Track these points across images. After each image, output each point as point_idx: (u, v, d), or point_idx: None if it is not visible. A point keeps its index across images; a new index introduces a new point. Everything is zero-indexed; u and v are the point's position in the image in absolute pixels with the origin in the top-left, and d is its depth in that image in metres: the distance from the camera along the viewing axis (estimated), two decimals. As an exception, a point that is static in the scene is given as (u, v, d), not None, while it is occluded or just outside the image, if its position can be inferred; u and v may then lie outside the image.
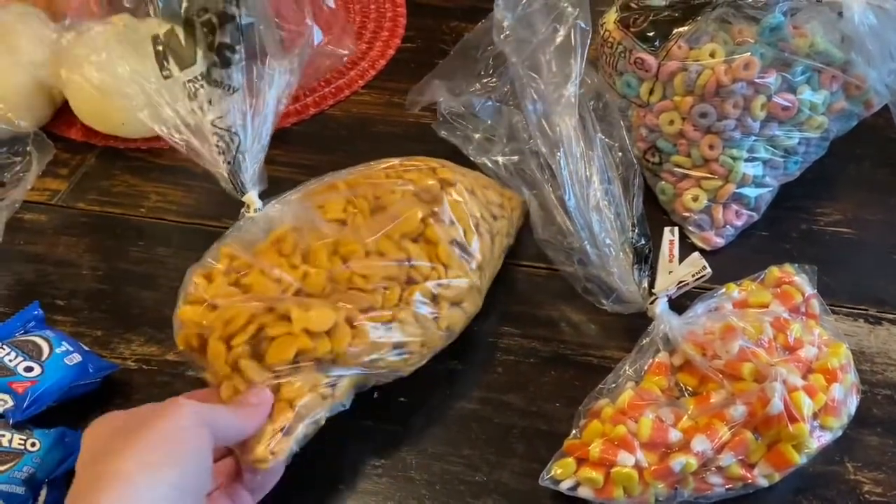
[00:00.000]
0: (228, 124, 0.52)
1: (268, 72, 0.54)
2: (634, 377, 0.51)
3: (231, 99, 0.53)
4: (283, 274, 0.48)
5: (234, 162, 0.52)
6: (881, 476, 0.49)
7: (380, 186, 0.53)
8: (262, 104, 0.54)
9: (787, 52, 0.57)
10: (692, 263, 0.52)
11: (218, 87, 0.52)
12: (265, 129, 0.54)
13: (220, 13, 0.52)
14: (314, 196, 0.54)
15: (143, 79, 0.54)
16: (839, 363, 0.48)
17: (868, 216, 0.64)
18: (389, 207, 0.52)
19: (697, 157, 0.60)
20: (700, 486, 0.46)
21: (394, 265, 0.49)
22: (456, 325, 0.51)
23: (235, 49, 0.52)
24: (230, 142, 0.52)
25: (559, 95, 0.56)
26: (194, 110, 0.52)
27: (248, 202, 0.53)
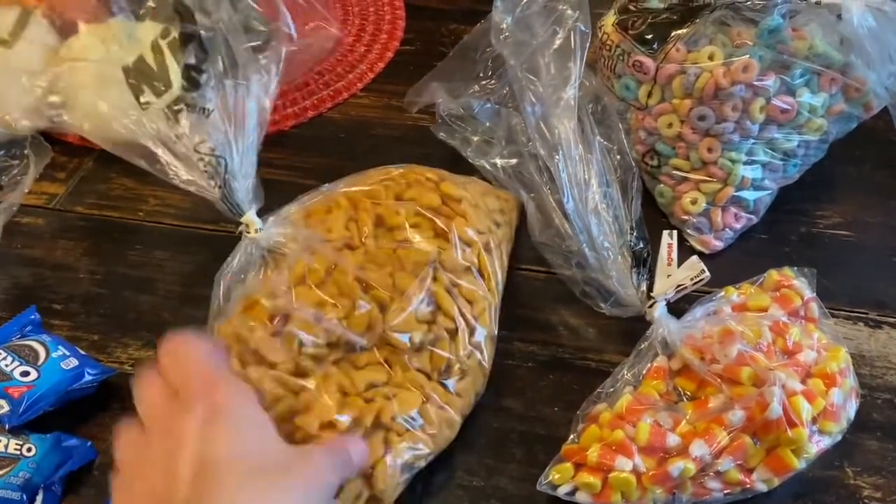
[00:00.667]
0: (211, 147, 0.51)
1: (242, 83, 0.52)
2: (633, 381, 0.50)
3: (209, 121, 0.51)
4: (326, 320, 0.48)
5: (225, 185, 0.51)
6: (881, 481, 0.49)
7: (382, 206, 0.52)
8: (244, 119, 0.53)
9: (786, 54, 0.57)
10: (691, 267, 0.52)
11: (193, 111, 0.51)
12: (251, 144, 0.53)
13: (182, 34, 0.51)
14: (316, 216, 0.53)
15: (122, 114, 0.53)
16: (838, 367, 0.48)
17: (868, 219, 0.64)
18: (395, 233, 0.51)
19: (696, 159, 0.60)
20: (698, 491, 0.46)
21: (425, 311, 0.49)
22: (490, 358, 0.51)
23: (202, 69, 0.51)
24: (217, 165, 0.51)
25: (558, 98, 0.56)
26: (178, 137, 0.51)
27: (248, 223, 0.52)
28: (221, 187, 0.51)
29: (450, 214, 0.53)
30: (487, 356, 0.51)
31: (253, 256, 0.52)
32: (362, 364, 0.48)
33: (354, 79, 0.77)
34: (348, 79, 0.77)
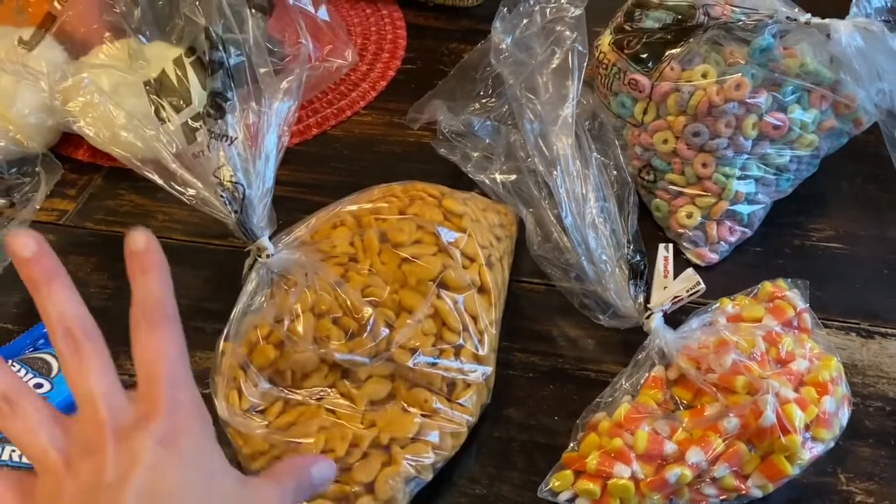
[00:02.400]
0: (230, 174, 0.52)
1: (265, 111, 0.54)
2: (631, 391, 0.52)
3: (231, 150, 0.53)
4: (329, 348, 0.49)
5: (242, 211, 0.52)
6: (873, 486, 0.50)
7: (386, 224, 0.54)
8: (263, 146, 0.54)
9: (778, 72, 0.58)
10: (686, 279, 0.53)
11: (217, 139, 0.52)
12: (269, 171, 0.54)
13: (210, 60, 0.52)
14: (322, 233, 0.55)
15: (141, 126, 0.54)
16: (830, 376, 0.49)
17: (860, 231, 0.65)
18: (400, 250, 0.53)
19: (691, 175, 0.61)
20: (695, 498, 0.47)
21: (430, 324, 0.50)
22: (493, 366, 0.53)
23: (228, 96, 0.52)
24: (234, 191, 0.52)
25: (556, 116, 0.58)
26: (195, 156, 0.52)
27: (261, 248, 0.53)
28: (238, 213, 0.53)
29: (453, 228, 0.55)
30: (491, 369, 0.52)
31: (264, 280, 0.53)
32: (364, 377, 0.50)
33: (357, 97, 0.79)
34: (351, 97, 0.79)
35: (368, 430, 0.48)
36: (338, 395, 0.49)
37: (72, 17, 0.66)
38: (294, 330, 0.50)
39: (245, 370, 0.50)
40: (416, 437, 0.48)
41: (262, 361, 0.50)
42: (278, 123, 0.55)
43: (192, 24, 0.54)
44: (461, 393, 0.50)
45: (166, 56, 0.59)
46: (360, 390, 0.49)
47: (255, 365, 0.50)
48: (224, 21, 0.54)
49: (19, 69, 0.63)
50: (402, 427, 0.48)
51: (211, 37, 0.53)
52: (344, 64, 0.66)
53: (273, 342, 0.50)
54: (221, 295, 0.56)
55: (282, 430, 0.48)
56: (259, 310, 0.52)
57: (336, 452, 0.47)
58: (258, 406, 0.49)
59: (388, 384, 0.50)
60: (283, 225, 0.57)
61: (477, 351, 0.51)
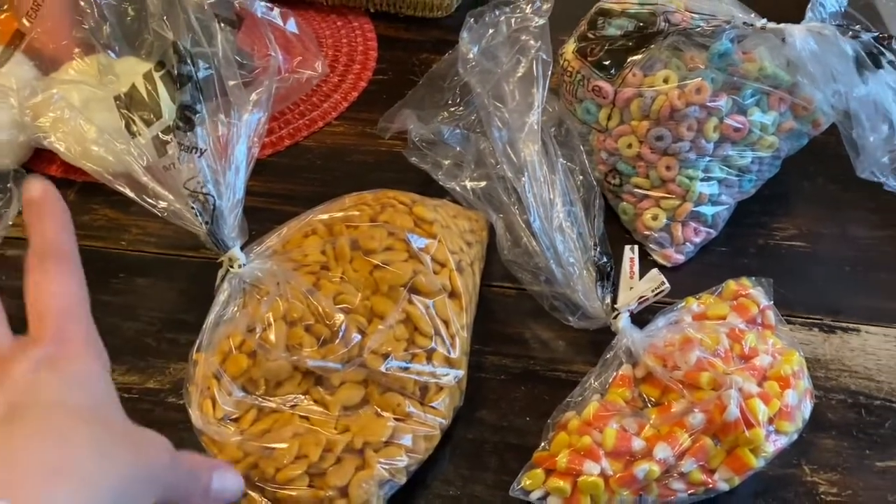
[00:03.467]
0: (200, 186, 0.53)
1: (234, 122, 0.54)
2: (599, 390, 0.53)
3: (200, 161, 0.53)
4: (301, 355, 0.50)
5: (212, 222, 0.53)
6: (836, 477, 0.51)
7: (357, 231, 0.55)
8: (233, 157, 0.54)
9: (737, 76, 0.60)
10: (651, 279, 0.55)
11: (186, 151, 0.52)
12: (239, 182, 0.55)
13: (179, 74, 0.52)
14: (294, 242, 0.55)
15: (112, 140, 0.54)
16: (792, 370, 0.51)
17: (822, 230, 0.67)
18: (371, 257, 0.53)
19: (655, 178, 0.63)
20: (664, 493, 0.48)
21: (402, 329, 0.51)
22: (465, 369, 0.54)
23: (197, 109, 0.53)
24: (205, 202, 0.53)
25: (523, 123, 0.59)
26: (166, 168, 0.53)
27: (232, 258, 0.54)
28: (209, 224, 0.54)
29: (424, 234, 0.56)
30: (463, 372, 0.53)
31: (236, 290, 0.54)
32: (337, 383, 0.50)
33: (329, 108, 0.80)
34: (323, 108, 0.79)
35: (342, 435, 0.49)
36: (311, 402, 0.50)
37: (41, 34, 0.67)
38: (266, 338, 0.50)
39: (218, 379, 0.50)
40: (390, 440, 0.49)
41: (235, 370, 0.50)
42: (248, 135, 0.56)
43: (160, 39, 0.55)
44: (434, 396, 0.51)
45: (136, 71, 0.59)
46: (333, 396, 0.50)
47: (228, 374, 0.50)
48: (192, 35, 0.55)
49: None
50: (375, 431, 0.49)
51: (179, 51, 0.53)
52: (314, 75, 0.67)
53: (246, 351, 0.51)
54: (195, 306, 0.57)
55: (256, 437, 0.49)
56: (231, 319, 0.52)
57: (310, 458, 0.48)
58: (232, 414, 0.50)
59: (362, 389, 0.50)
60: (255, 235, 0.57)
61: (449, 354, 0.52)
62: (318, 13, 0.91)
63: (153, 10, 0.55)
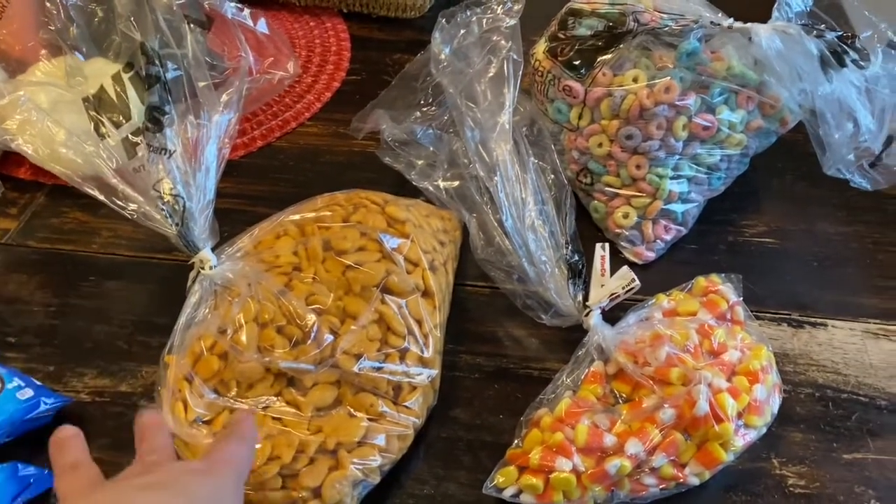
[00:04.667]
0: (170, 188, 0.53)
1: (204, 123, 0.54)
2: (572, 387, 0.53)
3: (170, 162, 0.53)
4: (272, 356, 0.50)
5: (182, 223, 0.53)
6: (804, 469, 0.52)
7: (329, 232, 0.54)
8: (203, 158, 0.54)
9: (706, 75, 0.61)
10: (622, 276, 0.55)
11: (155, 152, 0.52)
12: (209, 183, 0.55)
13: (147, 75, 0.52)
14: (265, 243, 0.55)
15: (81, 142, 0.54)
16: (760, 365, 0.51)
17: (790, 227, 0.68)
18: (344, 257, 0.53)
19: (626, 176, 0.63)
20: (635, 488, 0.49)
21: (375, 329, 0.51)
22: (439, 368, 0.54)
23: (165, 110, 0.53)
24: (175, 204, 0.53)
25: (494, 123, 0.59)
26: (136, 170, 0.52)
27: (203, 260, 0.54)
28: (179, 225, 0.53)
29: (396, 234, 0.56)
30: (436, 371, 0.53)
31: (207, 291, 0.53)
32: (310, 384, 0.50)
33: (302, 108, 0.79)
34: (296, 108, 0.79)
35: (315, 435, 0.49)
36: (284, 403, 0.50)
37: (6, 36, 0.66)
38: (238, 340, 0.50)
39: (190, 382, 0.50)
40: (363, 440, 0.49)
41: (206, 372, 0.50)
42: (219, 136, 0.56)
43: (128, 41, 0.55)
44: (407, 396, 0.51)
45: (105, 72, 0.59)
46: (305, 397, 0.50)
47: (199, 376, 0.50)
48: (161, 36, 0.55)
49: (-46, 90, 0.63)
50: (348, 432, 0.49)
51: (147, 52, 0.53)
52: (286, 76, 0.67)
53: (217, 353, 0.50)
54: (167, 309, 0.56)
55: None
56: (203, 321, 0.52)
57: (282, 459, 0.47)
58: (204, 416, 0.50)
59: (335, 390, 0.50)
60: (227, 237, 0.57)
61: (422, 353, 0.52)
62: (290, 14, 0.91)
63: (121, 10, 0.55)
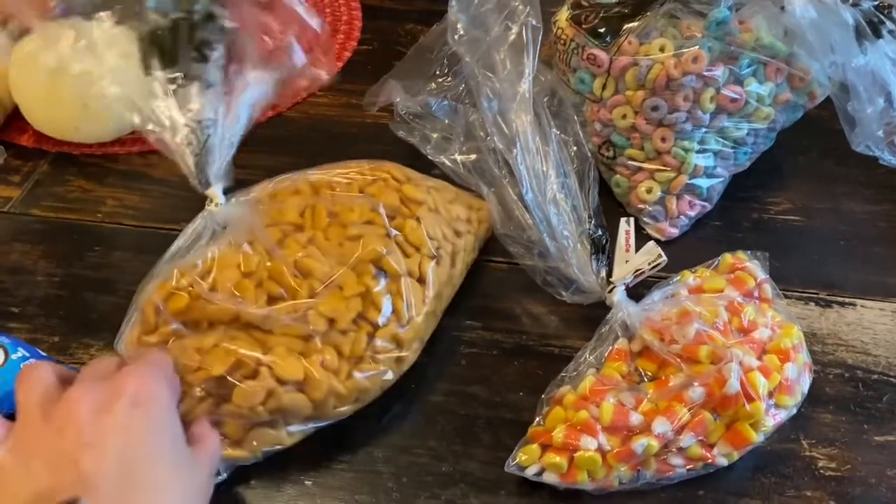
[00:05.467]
0: (200, 118, 0.53)
1: (245, 77, 0.55)
2: (595, 364, 0.51)
3: (206, 95, 0.53)
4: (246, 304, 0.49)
5: (202, 154, 0.53)
6: (834, 451, 0.50)
7: (339, 200, 0.53)
8: (236, 105, 0.55)
9: (734, 45, 0.59)
10: (648, 252, 0.53)
11: (194, 81, 0.53)
12: (236, 130, 0.55)
13: (206, 13, 0.53)
14: (280, 197, 0.54)
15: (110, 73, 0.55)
16: (791, 343, 0.50)
17: (816, 204, 0.66)
18: (348, 228, 0.52)
19: (650, 150, 0.61)
20: (662, 468, 0.47)
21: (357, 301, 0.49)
22: (411, 360, 0.52)
23: (215, 47, 0.53)
24: (200, 135, 0.53)
25: (514, 92, 0.57)
26: (169, 108, 0.53)
27: (211, 196, 0.53)
28: (198, 155, 0.53)
29: (407, 214, 0.54)
30: (406, 357, 0.51)
31: (206, 229, 0.53)
32: (275, 339, 0.49)
33: (313, 79, 0.77)
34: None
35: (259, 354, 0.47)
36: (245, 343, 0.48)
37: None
38: (216, 283, 0.49)
39: (158, 313, 0.49)
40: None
41: (176, 307, 0.49)
42: (255, 94, 0.56)
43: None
44: (366, 366, 0.49)
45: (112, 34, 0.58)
46: (267, 336, 0.49)
47: (168, 309, 0.49)
48: None
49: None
50: (289, 371, 0.47)
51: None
52: (323, 76, 0.65)
53: (191, 291, 0.49)
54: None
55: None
56: (190, 255, 0.51)
57: (210, 371, 0.47)
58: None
59: (300, 344, 0.48)
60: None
61: (399, 333, 0.50)
62: (300, -18, 0.88)
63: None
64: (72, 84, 0.64)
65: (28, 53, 0.66)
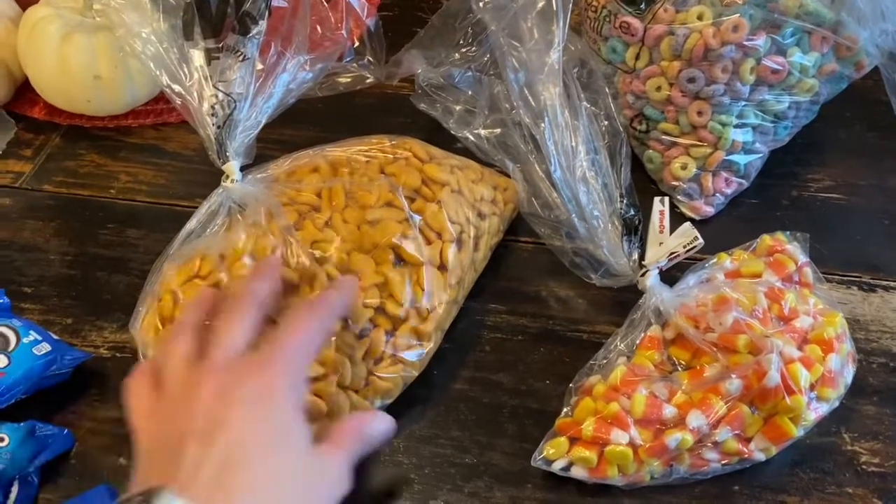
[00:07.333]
0: (230, 90, 0.51)
1: (287, 56, 0.54)
2: (626, 352, 0.49)
3: (240, 67, 0.52)
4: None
5: (224, 127, 0.51)
6: (878, 446, 0.48)
7: (358, 180, 0.51)
8: (271, 84, 0.54)
9: (777, 13, 0.55)
10: (683, 234, 0.51)
11: (230, 52, 0.51)
12: (266, 108, 0.53)
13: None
14: (299, 174, 0.52)
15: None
16: (835, 333, 0.47)
17: (859, 181, 0.63)
18: (366, 211, 0.50)
19: (685, 124, 0.58)
20: (696, 463, 0.45)
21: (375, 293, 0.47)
22: (433, 351, 0.50)
23: (257, 21, 0.52)
24: (226, 107, 0.51)
25: (542, 63, 0.54)
26: (201, 75, 0.52)
27: (228, 171, 0.52)
28: (220, 127, 0.51)
29: (428, 196, 0.52)
30: (430, 347, 0.49)
31: (223, 206, 0.51)
32: None
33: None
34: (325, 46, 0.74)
35: None
36: None
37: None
38: (235, 271, 0.47)
39: (175, 302, 0.48)
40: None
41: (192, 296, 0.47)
42: (293, 75, 0.55)
43: None
44: (385, 368, 0.47)
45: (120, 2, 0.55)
46: None
47: (185, 297, 0.47)
48: None
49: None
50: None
51: None
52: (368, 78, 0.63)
53: (210, 280, 0.48)
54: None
55: None
56: (209, 238, 0.50)
57: None
58: None
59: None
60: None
61: (419, 326, 0.48)
62: (317, -55, 0.85)
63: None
64: (82, 55, 0.62)
65: (36, 22, 0.63)
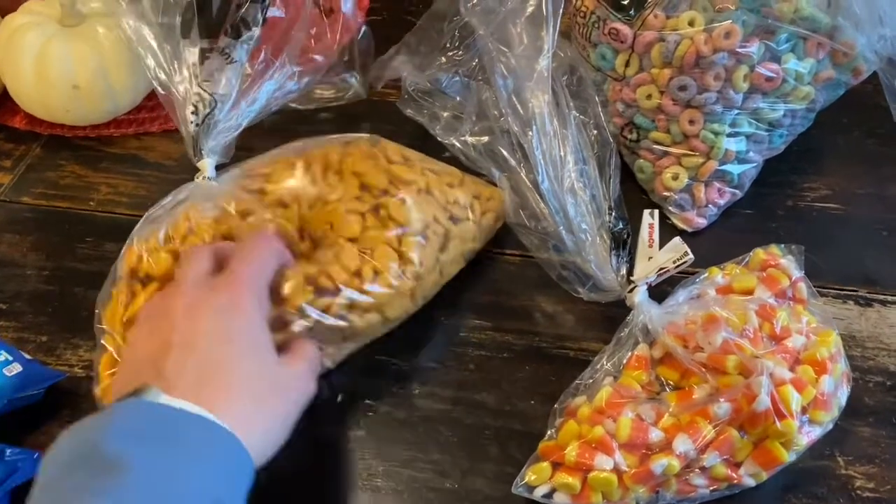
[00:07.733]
0: (214, 90, 0.52)
1: (275, 65, 0.55)
2: (613, 371, 0.48)
3: (227, 70, 0.53)
4: None
5: (203, 125, 0.52)
6: (874, 469, 0.46)
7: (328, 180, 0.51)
8: (256, 89, 0.55)
9: (771, 18, 0.54)
10: (673, 249, 0.49)
11: (220, 53, 0.53)
12: (249, 112, 0.55)
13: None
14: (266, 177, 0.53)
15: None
16: (829, 353, 0.45)
17: (857, 190, 0.61)
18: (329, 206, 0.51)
19: (677, 132, 0.57)
20: (683, 489, 0.44)
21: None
22: (371, 330, 0.49)
23: (250, 27, 0.53)
24: (207, 105, 0.52)
25: (531, 70, 0.53)
26: (191, 76, 0.53)
27: (202, 167, 0.53)
28: (198, 125, 0.52)
29: (393, 195, 0.51)
30: (360, 324, 0.48)
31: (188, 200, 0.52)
32: None
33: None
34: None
35: None
36: None
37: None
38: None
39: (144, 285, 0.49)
40: None
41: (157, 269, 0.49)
42: (279, 83, 0.57)
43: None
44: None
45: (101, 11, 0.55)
46: None
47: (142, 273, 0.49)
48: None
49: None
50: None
51: None
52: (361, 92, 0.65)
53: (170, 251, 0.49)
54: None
55: None
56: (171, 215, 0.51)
57: None
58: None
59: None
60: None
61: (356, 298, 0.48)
62: (305, -53, 0.83)
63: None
64: (60, 64, 0.61)
65: (14, 31, 0.62)
